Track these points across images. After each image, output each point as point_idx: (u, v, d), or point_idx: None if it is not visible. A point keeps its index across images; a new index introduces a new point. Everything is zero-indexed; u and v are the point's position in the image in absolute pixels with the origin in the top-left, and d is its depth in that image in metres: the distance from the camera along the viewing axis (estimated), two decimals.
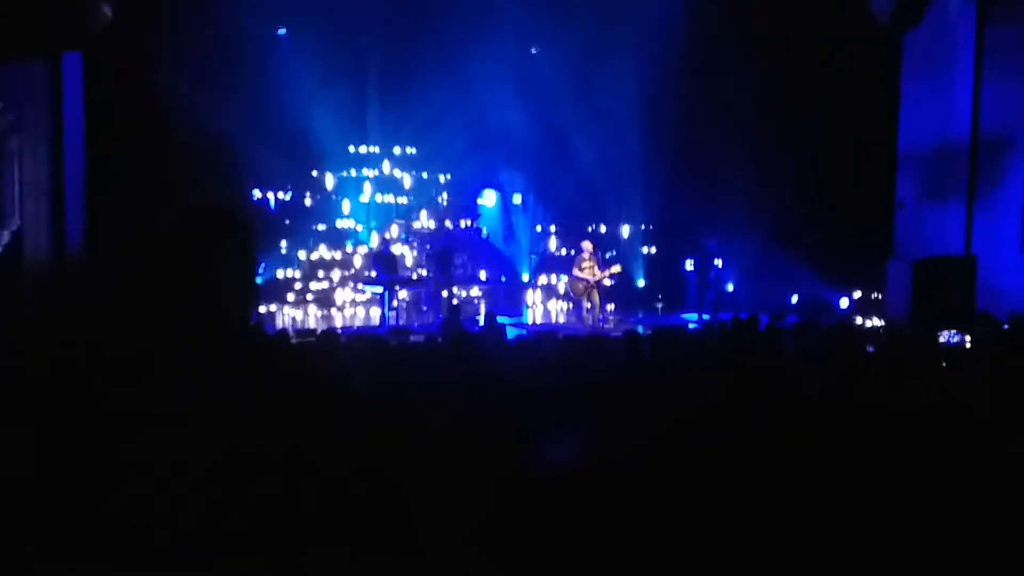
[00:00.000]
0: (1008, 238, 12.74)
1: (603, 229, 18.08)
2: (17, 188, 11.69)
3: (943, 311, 11.19)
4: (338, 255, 16.81)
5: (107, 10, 11.37)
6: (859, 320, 14.23)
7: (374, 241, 16.90)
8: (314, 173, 17.12)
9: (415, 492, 3.74)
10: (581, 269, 15.32)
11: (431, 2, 15.74)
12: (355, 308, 16.17)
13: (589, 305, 15.29)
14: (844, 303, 15.34)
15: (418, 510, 3.68)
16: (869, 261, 14.28)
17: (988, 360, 6.39)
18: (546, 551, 3.58)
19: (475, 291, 16.77)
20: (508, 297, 17.03)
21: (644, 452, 4.07)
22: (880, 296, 14.49)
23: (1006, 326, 7.63)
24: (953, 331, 8.64)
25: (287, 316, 15.62)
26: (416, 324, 14.97)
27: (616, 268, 15.38)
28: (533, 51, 17.43)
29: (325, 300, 16.16)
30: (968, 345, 8.08)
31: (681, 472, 3.93)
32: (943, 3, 12.74)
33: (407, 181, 17.64)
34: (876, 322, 13.89)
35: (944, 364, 6.30)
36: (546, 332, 11.41)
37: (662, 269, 17.33)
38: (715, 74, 15.79)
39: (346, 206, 17.27)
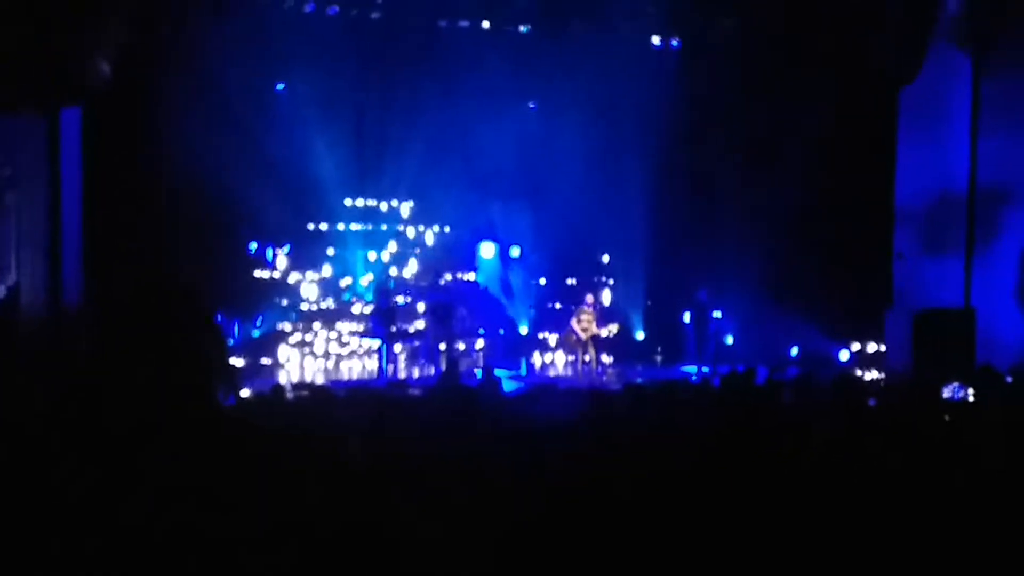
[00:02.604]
0: (1006, 290, 12.69)
1: (609, 285, 18.03)
2: (14, 243, 11.66)
3: (944, 363, 11.12)
4: (333, 305, 16.75)
5: (105, 67, 11.43)
6: (859, 372, 14.15)
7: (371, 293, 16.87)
8: (310, 227, 17.15)
9: (412, 548, 3.66)
10: (579, 321, 15.29)
11: (427, 57, 15.84)
12: (351, 361, 16.10)
13: (587, 357, 15.24)
14: (844, 355, 15.26)
15: (416, 566, 3.60)
16: (869, 313, 14.22)
17: (991, 414, 6.32)
18: None
19: (474, 344, 16.70)
20: (506, 350, 16.95)
21: (642, 502, 4.01)
22: (880, 348, 14.42)
23: (1008, 379, 7.58)
24: (956, 385, 8.54)
25: (284, 369, 15.55)
26: (413, 378, 14.90)
27: (613, 328, 15.38)
28: (531, 105, 17.55)
29: (323, 353, 16.09)
30: (971, 399, 8.00)
31: (679, 524, 3.87)
32: (939, 58, 12.83)
33: (411, 232, 17.75)
34: (876, 374, 13.81)
35: (947, 418, 6.23)
36: (545, 385, 11.34)
37: (661, 321, 17.25)
38: (713, 124, 15.88)
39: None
